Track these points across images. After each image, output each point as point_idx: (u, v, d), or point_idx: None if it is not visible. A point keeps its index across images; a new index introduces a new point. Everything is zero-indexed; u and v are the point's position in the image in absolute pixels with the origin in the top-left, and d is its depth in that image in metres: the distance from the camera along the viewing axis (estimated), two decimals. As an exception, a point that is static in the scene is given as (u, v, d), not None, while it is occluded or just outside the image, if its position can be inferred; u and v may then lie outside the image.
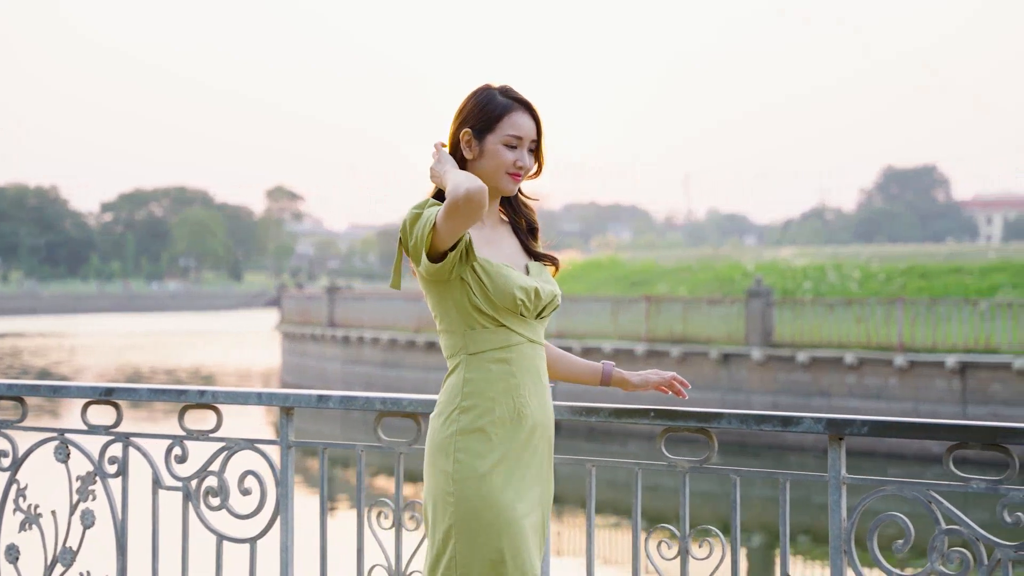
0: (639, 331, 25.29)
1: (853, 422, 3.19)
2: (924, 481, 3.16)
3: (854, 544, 3.25)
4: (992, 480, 3.09)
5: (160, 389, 3.96)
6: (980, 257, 31.84)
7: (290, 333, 36.28)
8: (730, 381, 24.10)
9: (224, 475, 3.87)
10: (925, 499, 3.16)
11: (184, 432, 3.96)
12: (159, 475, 3.98)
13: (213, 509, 3.91)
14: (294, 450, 3.85)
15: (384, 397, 3.70)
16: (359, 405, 3.71)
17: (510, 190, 3.14)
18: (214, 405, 3.92)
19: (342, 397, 3.73)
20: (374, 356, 31.02)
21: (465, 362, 3.04)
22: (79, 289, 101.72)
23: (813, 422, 3.23)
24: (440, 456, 3.00)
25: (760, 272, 29.26)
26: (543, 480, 3.09)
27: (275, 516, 3.84)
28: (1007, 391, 21.11)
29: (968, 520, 3.11)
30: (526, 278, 3.09)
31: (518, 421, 3.02)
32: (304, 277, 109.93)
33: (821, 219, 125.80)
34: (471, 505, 2.94)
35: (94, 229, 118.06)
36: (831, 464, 3.25)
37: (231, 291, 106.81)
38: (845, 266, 30.05)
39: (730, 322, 24.37)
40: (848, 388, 22.84)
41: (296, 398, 3.80)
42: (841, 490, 3.24)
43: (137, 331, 62.10)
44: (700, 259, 36.05)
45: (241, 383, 35.49)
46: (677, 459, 3.46)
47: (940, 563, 3.13)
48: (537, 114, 3.15)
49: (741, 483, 3.40)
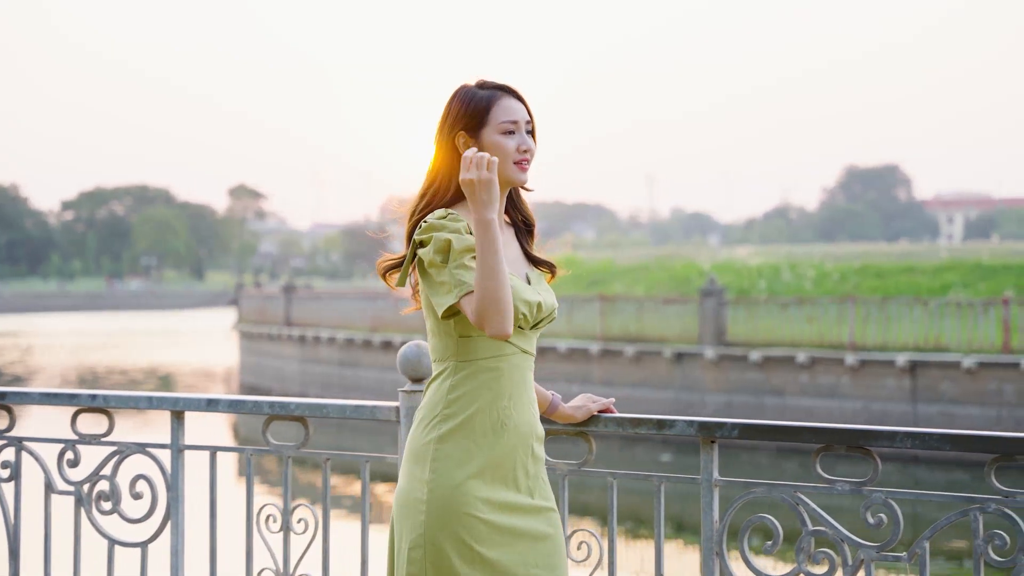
0: (594, 330, 25.37)
1: (724, 425, 3.25)
2: (791, 483, 3.21)
3: (726, 545, 3.30)
4: (856, 482, 3.14)
5: (52, 393, 3.97)
6: (934, 256, 32.15)
7: (248, 332, 36.19)
8: (683, 380, 24.21)
9: (116, 479, 3.88)
10: (792, 501, 3.21)
11: (76, 436, 3.96)
12: (51, 479, 3.99)
13: (105, 513, 3.92)
14: (185, 454, 3.87)
15: (272, 401, 3.72)
16: (248, 409, 3.73)
17: (522, 180, 3.03)
18: (106, 409, 3.93)
19: (231, 401, 3.75)
20: (331, 355, 30.99)
21: (453, 368, 2.96)
22: (39, 288, 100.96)
23: (686, 425, 3.28)
24: (416, 463, 2.92)
25: (716, 271, 29.41)
26: (529, 491, 2.98)
27: (166, 520, 3.85)
28: (956, 389, 21.32)
29: (833, 521, 3.17)
30: (529, 290, 3.00)
31: (500, 431, 2.93)
32: (267, 276, 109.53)
33: (784, 218, 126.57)
34: (443, 516, 2.85)
35: (55, 228, 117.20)
36: (703, 466, 3.29)
37: (193, 290, 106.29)
38: (800, 265, 30.28)
39: (684, 321, 24.49)
40: (800, 387, 23.00)
41: (186, 402, 3.81)
42: (713, 492, 3.29)
43: (97, 330, 61.70)
44: (657, 258, 36.22)
45: (200, 383, 35.36)
46: (556, 462, 3.50)
47: (807, 564, 3.19)
48: (522, 96, 3.05)
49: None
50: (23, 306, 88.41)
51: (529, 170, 3.04)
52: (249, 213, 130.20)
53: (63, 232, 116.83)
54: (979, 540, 3.00)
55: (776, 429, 3.20)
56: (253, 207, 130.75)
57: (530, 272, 3.09)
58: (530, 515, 2.97)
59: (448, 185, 3.02)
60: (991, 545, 2.99)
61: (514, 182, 3.02)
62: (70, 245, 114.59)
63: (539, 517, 2.98)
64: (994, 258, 29.80)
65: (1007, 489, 3.00)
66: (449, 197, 3.02)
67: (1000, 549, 2.99)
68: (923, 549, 3.08)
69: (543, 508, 3.00)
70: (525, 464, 2.98)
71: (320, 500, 3.73)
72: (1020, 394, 20.71)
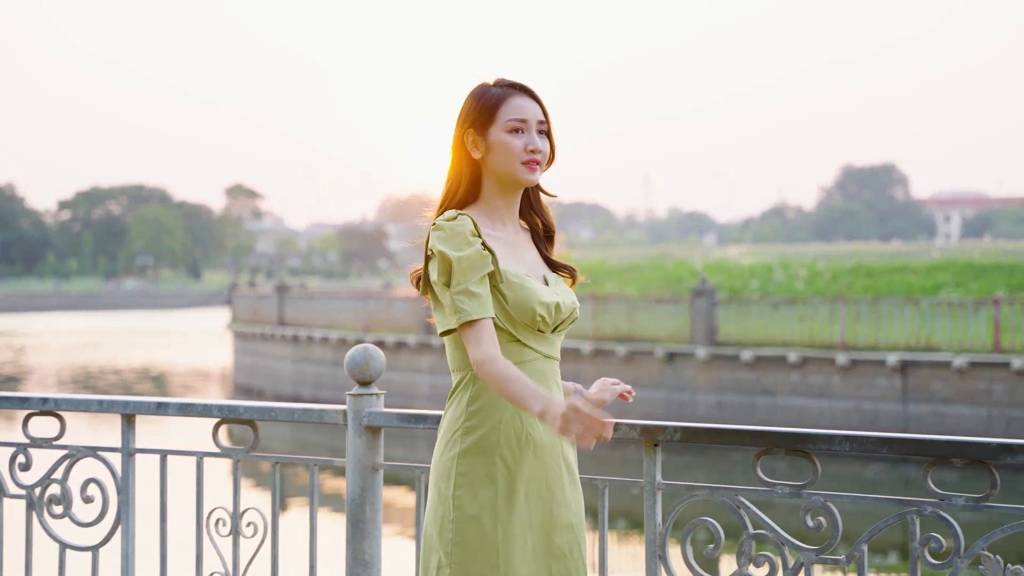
0: (585, 330, 25.36)
1: (666, 428, 3.24)
2: (733, 487, 3.21)
3: (669, 548, 3.30)
4: (796, 485, 3.15)
5: (3, 396, 3.97)
6: (926, 256, 32.16)
7: (241, 332, 36.19)
8: (675, 380, 24.21)
9: (67, 483, 3.88)
10: (734, 504, 3.21)
11: (28, 440, 3.96)
12: (3, 483, 3.98)
13: (56, 517, 3.91)
14: (135, 457, 3.87)
15: (221, 404, 3.72)
16: (197, 412, 3.74)
17: (530, 180, 2.91)
18: (57, 412, 3.93)
19: (181, 404, 3.75)
20: (324, 355, 30.98)
21: (472, 378, 2.85)
22: (35, 287, 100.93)
23: (629, 428, 3.27)
24: (442, 480, 2.82)
25: (708, 271, 29.41)
26: (560, 504, 2.87)
27: (117, 524, 3.85)
28: (947, 389, 21.33)
29: (773, 524, 3.17)
30: (547, 291, 2.92)
31: (526, 443, 2.82)
32: (263, 275, 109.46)
33: (781, 217, 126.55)
34: (471, 535, 2.77)
35: (51, 227, 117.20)
36: (646, 470, 3.29)
37: (189, 289, 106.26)
38: (792, 265, 30.28)
39: (675, 321, 24.49)
40: (791, 387, 22.99)
41: (136, 405, 3.81)
42: (656, 495, 3.28)
43: (91, 330, 61.66)
44: (650, 258, 36.22)
45: (193, 383, 35.35)
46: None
47: (748, 566, 3.19)
48: (537, 96, 2.94)
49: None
50: (19, 306, 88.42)
51: (540, 171, 2.93)
52: (246, 213, 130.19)
53: (59, 232, 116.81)
54: (915, 543, 3.00)
55: (717, 432, 3.19)
56: (250, 207, 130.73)
57: (548, 275, 3.01)
58: (561, 532, 2.88)
59: (459, 184, 2.95)
60: (927, 548, 2.99)
61: (521, 182, 2.92)
62: (66, 245, 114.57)
63: (569, 535, 2.89)
64: (986, 257, 29.81)
65: (943, 492, 3.00)
66: (461, 196, 2.95)
67: (936, 552, 2.99)
68: (861, 552, 3.08)
69: (575, 524, 2.91)
70: (556, 474, 2.87)
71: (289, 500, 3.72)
72: (1010, 393, 20.72)
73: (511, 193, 2.95)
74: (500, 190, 2.94)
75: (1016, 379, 20.55)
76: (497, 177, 2.91)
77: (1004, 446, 2.89)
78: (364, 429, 3.56)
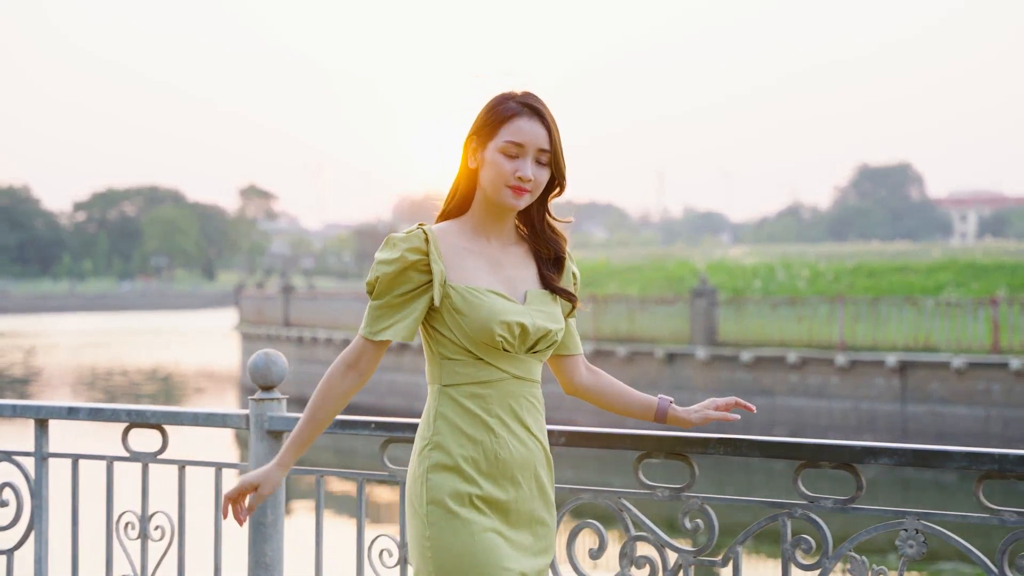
0: (586, 331, 25.39)
1: (551, 433, 3.28)
2: (616, 489, 3.25)
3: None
4: (675, 488, 3.19)
5: (-78, 401, 4.03)
6: (930, 256, 32.08)
7: (248, 333, 36.36)
8: (675, 380, 24.24)
9: (-19, 487, 3.94)
10: (617, 507, 3.26)
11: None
12: (-81, 486, 4.04)
13: (-29, 521, 3.98)
14: (48, 461, 3.93)
15: (130, 409, 3.78)
16: (106, 416, 3.80)
17: (513, 205, 2.81)
18: (-25, 416, 3.99)
19: (91, 409, 3.81)
20: (328, 356, 31.09)
21: (439, 393, 2.81)
22: (50, 288, 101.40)
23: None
24: (415, 496, 2.78)
25: (710, 272, 29.41)
26: (535, 523, 2.83)
27: (31, 528, 3.91)
28: (945, 389, 21.30)
29: (653, 526, 3.21)
30: (515, 310, 2.79)
31: (495, 463, 2.76)
32: (277, 275, 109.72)
33: (796, 217, 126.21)
34: (450, 554, 2.71)
35: (66, 228, 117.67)
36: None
37: (203, 290, 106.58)
38: (794, 265, 30.24)
39: (675, 322, 24.52)
40: (790, 387, 23.00)
41: (48, 410, 3.87)
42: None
43: (104, 331, 61.96)
44: (652, 259, 36.22)
45: (202, 383, 35.52)
46: (394, 469, 3.55)
47: (630, 568, 3.23)
48: (549, 121, 2.81)
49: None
50: (34, 307, 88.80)
51: (528, 198, 2.82)
52: (260, 213, 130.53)
53: (74, 233, 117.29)
54: (787, 544, 3.05)
55: (599, 436, 3.24)
56: (264, 207, 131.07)
57: (531, 291, 2.87)
58: (537, 556, 2.83)
59: (456, 190, 2.92)
60: (798, 549, 3.04)
61: (505, 207, 2.83)
62: (81, 246, 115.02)
63: (542, 557, 2.86)
64: (988, 257, 29.72)
65: (812, 494, 3.04)
66: (456, 203, 2.92)
67: (807, 553, 3.04)
68: (736, 553, 3.12)
69: (548, 549, 2.88)
70: (529, 495, 2.82)
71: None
72: (1008, 394, 20.68)
73: (498, 210, 2.86)
74: (487, 206, 2.87)
75: (1014, 379, 20.52)
76: (484, 193, 2.86)
77: (867, 449, 2.93)
78: (266, 433, 3.62)
